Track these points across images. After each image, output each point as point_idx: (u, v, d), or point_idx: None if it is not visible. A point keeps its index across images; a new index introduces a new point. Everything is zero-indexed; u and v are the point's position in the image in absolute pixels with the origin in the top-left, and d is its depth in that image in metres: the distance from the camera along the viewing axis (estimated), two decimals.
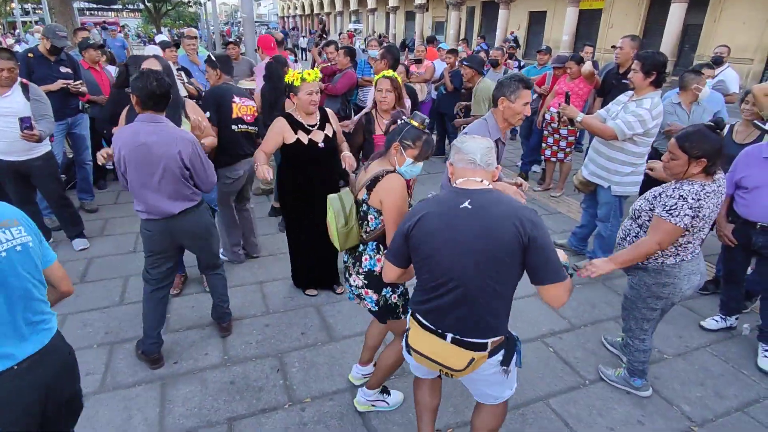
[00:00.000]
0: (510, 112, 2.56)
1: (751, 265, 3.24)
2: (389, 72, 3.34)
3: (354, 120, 3.80)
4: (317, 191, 3.11)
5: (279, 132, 3.05)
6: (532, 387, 2.67)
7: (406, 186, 2.07)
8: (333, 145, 3.20)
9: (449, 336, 1.69)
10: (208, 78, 3.77)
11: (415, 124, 2.08)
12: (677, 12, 14.37)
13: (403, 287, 2.24)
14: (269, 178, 2.86)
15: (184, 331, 3.09)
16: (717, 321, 3.25)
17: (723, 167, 3.26)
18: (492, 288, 1.62)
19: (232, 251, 3.94)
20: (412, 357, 1.88)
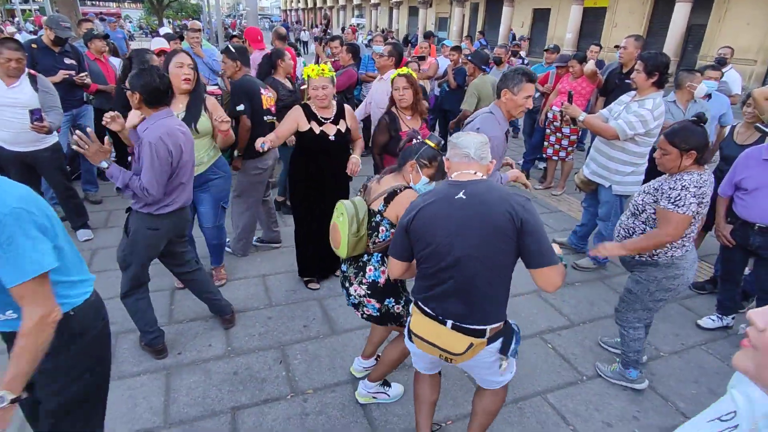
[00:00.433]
0: (512, 104, 2.63)
1: (749, 266, 3.29)
2: (404, 69, 3.39)
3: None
4: (327, 183, 3.24)
5: (294, 119, 3.14)
6: (530, 382, 2.72)
7: None
8: (345, 141, 3.26)
9: (449, 322, 1.75)
10: (225, 69, 3.80)
11: (431, 144, 2.15)
12: (682, 11, 14.34)
13: (406, 298, 2.26)
14: (262, 148, 2.99)
15: (188, 323, 3.13)
16: (713, 320, 3.29)
17: (724, 168, 3.32)
18: (489, 274, 1.69)
19: (241, 244, 3.94)
20: (413, 344, 1.92)
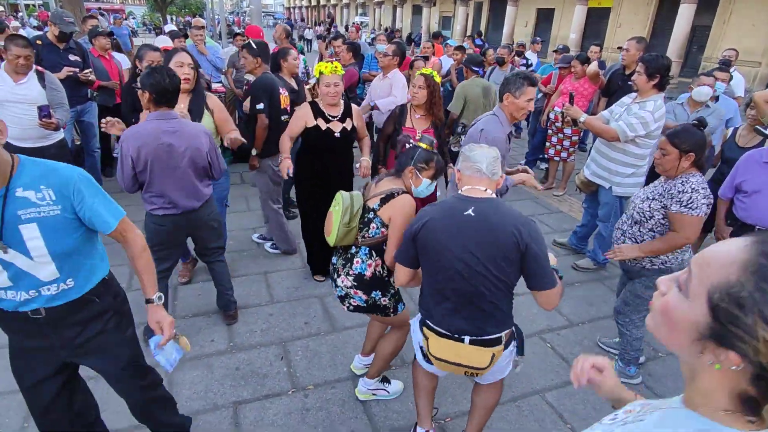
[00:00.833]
0: (514, 107, 2.69)
1: None
2: (427, 70, 3.42)
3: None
4: (333, 180, 3.29)
5: (302, 117, 3.19)
6: (528, 381, 2.75)
7: (415, 208, 2.14)
8: (350, 139, 3.29)
9: (467, 338, 1.80)
10: (245, 65, 3.82)
11: (424, 146, 2.19)
12: (686, 13, 14.28)
13: (394, 289, 2.30)
14: (291, 173, 3.04)
15: (190, 318, 3.16)
16: None
17: (725, 170, 3.33)
18: (495, 289, 1.74)
19: (287, 241, 3.98)
20: (433, 366, 1.97)
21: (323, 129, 3.18)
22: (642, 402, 0.86)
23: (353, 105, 3.37)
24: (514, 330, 1.90)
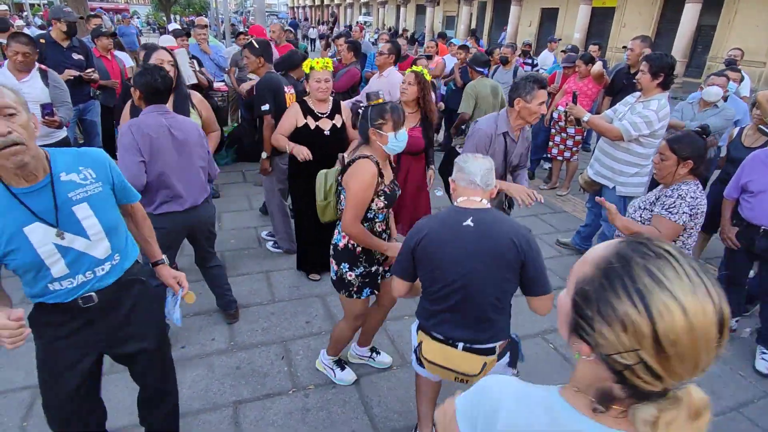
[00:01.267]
0: (526, 111, 2.69)
1: (754, 269, 3.27)
2: (418, 68, 3.43)
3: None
4: None
5: (293, 116, 3.18)
6: (530, 381, 2.71)
7: (375, 174, 2.10)
8: (341, 136, 3.28)
9: (460, 345, 1.80)
10: (248, 64, 3.81)
11: (373, 102, 2.14)
12: (691, 12, 14.21)
13: (363, 269, 2.28)
14: (309, 155, 3.04)
15: (191, 317, 3.15)
16: None
17: (731, 170, 3.30)
18: (493, 298, 1.76)
19: (290, 240, 3.97)
20: (425, 369, 1.96)
21: (312, 128, 3.19)
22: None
23: (342, 102, 3.36)
24: (510, 341, 1.90)
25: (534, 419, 0.77)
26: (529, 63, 7.97)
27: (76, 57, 4.70)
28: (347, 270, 2.27)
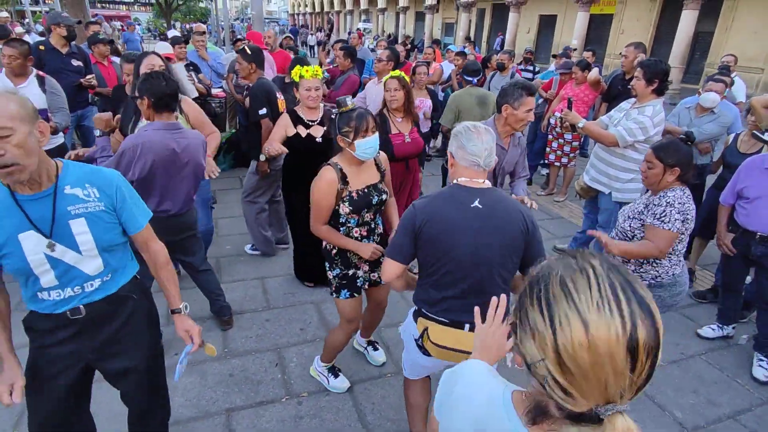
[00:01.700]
0: (513, 118, 2.66)
1: (750, 275, 3.26)
2: (396, 72, 3.43)
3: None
4: None
5: (283, 126, 3.20)
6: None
7: (333, 181, 2.16)
8: (333, 142, 3.27)
9: (467, 325, 1.79)
10: (240, 70, 3.82)
11: (342, 109, 2.18)
12: (688, 19, 14.26)
13: (339, 270, 2.32)
14: (282, 149, 3.08)
15: None
16: (714, 329, 3.26)
17: (726, 176, 3.29)
18: (501, 279, 1.76)
19: (266, 242, 3.99)
20: (429, 358, 1.90)
21: (303, 136, 3.19)
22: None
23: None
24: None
25: (477, 400, 0.85)
26: (530, 70, 7.81)
27: (75, 63, 4.72)
28: (328, 269, 2.38)
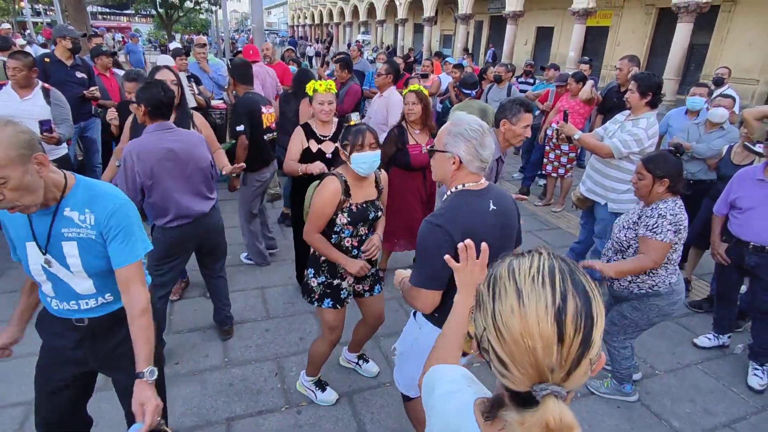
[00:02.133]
0: (511, 133, 2.71)
1: (745, 284, 3.29)
2: (415, 86, 3.52)
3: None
4: None
5: (298, 140, 3.24)
6: None
7: (337, 191, 2.19)
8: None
9: None
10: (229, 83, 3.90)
11: (351, 122, 2.31)
12: (683, 31, 14.44)
13: (325, 279, 2.33)
14: (324, 168, 3.09)
15: (185, 333, 3.16)
16: (710, 339, 3.29)
17: (720, 187, 3.33)
18: None
19: (259, 254, 4.06)
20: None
21: (314, 151, 3.22)
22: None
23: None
24: None
25: (450, 407, 0.92)
26: (530, 83, 7.81)
27: (79, 75, 4.78)
28: (312, 276, 2.36)
